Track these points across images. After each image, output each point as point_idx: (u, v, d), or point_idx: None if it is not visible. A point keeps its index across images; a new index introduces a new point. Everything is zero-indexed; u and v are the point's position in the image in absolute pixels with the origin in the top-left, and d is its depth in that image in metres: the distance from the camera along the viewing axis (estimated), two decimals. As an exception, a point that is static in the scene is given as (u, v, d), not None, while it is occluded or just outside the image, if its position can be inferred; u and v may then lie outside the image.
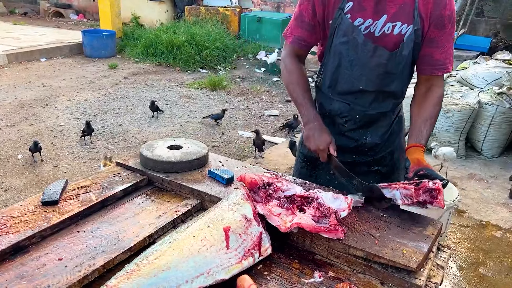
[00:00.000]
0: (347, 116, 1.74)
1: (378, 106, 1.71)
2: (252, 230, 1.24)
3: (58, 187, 1.48)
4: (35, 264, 1.15)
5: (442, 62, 1.62)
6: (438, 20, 1.56)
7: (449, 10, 1.56)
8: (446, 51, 1.61)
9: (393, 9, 1.55)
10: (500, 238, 3.30)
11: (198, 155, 1.71)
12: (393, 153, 1.81)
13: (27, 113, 5.54)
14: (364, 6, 1.57)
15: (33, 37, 9.49)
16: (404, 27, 1.56)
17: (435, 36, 1.59)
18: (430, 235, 1.30)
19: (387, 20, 1.56)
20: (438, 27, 1.57)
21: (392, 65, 1.62)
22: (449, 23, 1.57)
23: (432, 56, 1.61)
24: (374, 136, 1.77)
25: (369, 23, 1.58)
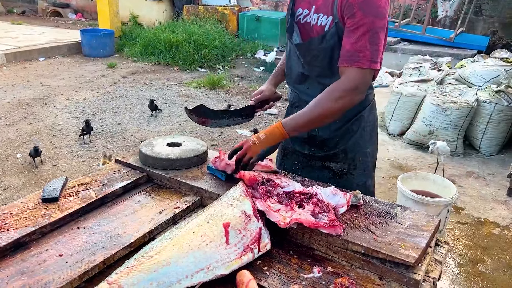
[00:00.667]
0: (298, 106, 1.76)
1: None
2: (252, 226, 1.25)
3: (58, 184, 1.49)
4: (36, 260, 1.16)
5: (351, 53, 1.47)
6: (347, 8, 1.47)
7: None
8: (357, 42, 1.46)
9: (320, 1, 1.57)
10: (498, 235, 3.31)
11: (197, 152, 1.71)
12: (347, 152, 1.76)
13: (25, 112, 5.54)
14: None
15: (32, 36, 9.48)
16: (324, 18, 1.56)
17: (348, 26, 1.49)
18: (428, 230, 1.31)
19: (314, 11, 1.59)
20: (349, 15, 1.47)
21: (307, 56, 1.64)
22: (360, 11, 1.44)
23: (344, 46, 1.50)
24: (324, 130, 1.73)
25: (305, 13, 1.63)
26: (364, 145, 1.78)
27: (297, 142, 1.84)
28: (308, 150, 1.82)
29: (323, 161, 1.80)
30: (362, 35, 1.46)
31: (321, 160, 1.80)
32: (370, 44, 1.47)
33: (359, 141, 1.76)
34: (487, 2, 8.16)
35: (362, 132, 1.76)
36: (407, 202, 2.93)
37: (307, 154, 1.82)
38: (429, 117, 4.63)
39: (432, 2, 7.56)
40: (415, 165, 4.40)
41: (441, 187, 3.14)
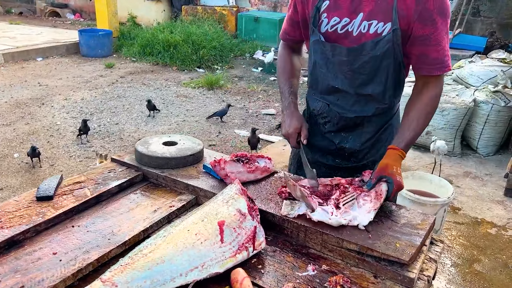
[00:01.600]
0: (326, 117, 1.70)
1: (359, 109, 1.64)
2: (247, 224, 1.24)
3: (53, 183, 1.48)
4: (30, 258, 1.16)
5: (440, 61, 1.49)
6: (425, 15, 1.42)
7: (436, 3, 1.41)
8: (442, 48, 1.48)
9: (369, 7, 1.48)
10: (495, 235, 3.31)
11: (193, 151, 1.71)
12: (376, 164, 1.64)
13: (23, 112, 5.53)
14: (339, 5, 1.51)
15: (30, 36, 9.46)
16: (380, 25, 1.47)
17: (427, 33, 1.45)
18: (423, 229, 1.31)
19: (363, 19, 1.49)
20: (428, 23, 1.43)
21: (356, 62, 1.54)
22: (440, 17, 1.43)
23: (428, 55, 1.49)
24: (355, 141, 1.68)
25: (345, 22, 1.51)
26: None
27: (319, 153, 1.75)
28: (333, 161, 1.73)
29: (350, 173, 1.68)
30: (442, 40, 1.47)
31: (348, 172, 1.71)
32: (448, 45, 1.51)
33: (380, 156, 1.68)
34: (485, 3, 8.17)
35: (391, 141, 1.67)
36: (404, 201, 2.93)
37: (331, 165, 1.74)
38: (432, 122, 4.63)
39: (430, 3, 7.56)
40: (412, 165, 4.40)
41: (438, 187, 3.15)
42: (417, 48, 1.50)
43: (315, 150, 1.76)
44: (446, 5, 1.43)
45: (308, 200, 1.34)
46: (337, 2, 1.52)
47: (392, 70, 1.56)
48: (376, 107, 1.63)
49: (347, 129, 1.69)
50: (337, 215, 1.31)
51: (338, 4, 1.52)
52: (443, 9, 1.43)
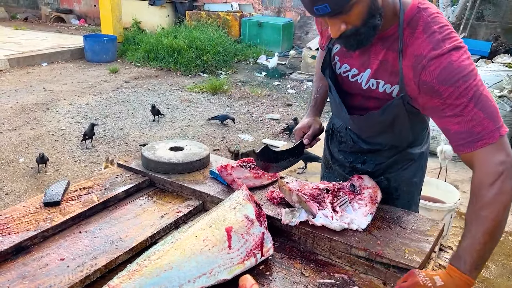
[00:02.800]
0: (342, 137, 1.67)
1: (373, 143, 1.57)
2: (254, 231, 1.24)
3: (60, 188, 1.48)
4: (37, 264, 1.15)
5: (466, 135, 1.16)
6: (424, 87, 1.23)
7: (432, 74, 1.18)
8: (465, 119, 1.16)
9: (375, 65, 1.34)
10: (502, 241, 3.28)
11: (200, 156, 1.71)
12: (390, 181, 1.60)
13: (28, 117, 5.55)
14: (350, 54, 1.40)
15: (35, 42, 9.52)
16: (387, 87, 1.34)
17: (436, 105, 1.22)
18: (432, 235, 1.30)
19: (371, 76, 1.36)
20: (431, 94, 1.21)
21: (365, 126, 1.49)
22: (443, 85, 1.17)
23: (449, 129, 1.21)
24: (369, 164, 1.61)
25: (354, 72, 1.40)
26: (412, 174, 1.61)
27: (338, 162, 1.70)
28: (349, 174, 1.64)
29: None
30: (465, 109, 1.16)
31: None
32: (482, 111, 1.15)
33: (404, 174, 1.60)
34: (489, 7, 8.17)
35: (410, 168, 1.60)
36: (410, 207, 2.91)
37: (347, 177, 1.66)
38: (431, 122, 4.62)
39: (434, 8, 7.56)
40: (418, 170, 4.38)
41: (444, 192, 3.13)
42: (438, 121, 1.26)
43: (334, 159, 1.74)
44: (452, 70, 1.15)
45: (309, 205, 1.33)
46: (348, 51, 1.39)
47: (408, 123, 1.43)
48: (391, 144, 1.55)
49: (362, 152, 1.62)
50: (337, 218, 1.31)
51: (349, 52, 1.39)
52: (449, 75, 1.16)
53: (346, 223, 1.31)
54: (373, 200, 1.42)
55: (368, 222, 1.34)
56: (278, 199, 1.45)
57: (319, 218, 1.31)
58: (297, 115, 5.95)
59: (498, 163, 1.12)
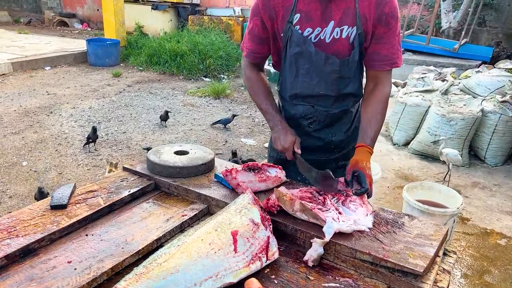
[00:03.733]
0: (312, 118, 1.80)
1: (340, 105, 1.78)
2: (260, 234, 1.24)
3: (66, 191, 1.50)
4: (45, 266, 1.16)
5: (389, 57, 1.67)
6: (381, 18, 1.60)
7: (390, 8, 1.60)
8: (392, 46, 1.66)
9: (338, 15, 1.61)
10: (505, 246, 3.28)
11: (205, 160, 1.72)
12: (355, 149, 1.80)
13: (31, 121, 5.57)
14: (311, 17, 1.63)
15: (38, 45, 9.57)
16: (350, 30, 1.62)
17: (381, 33, 1.64)
18: (436, 240, 1.30)
19: (335, 26, 1.62)
20: (383, 24, 1.62)
21: (345, 70, 1.69)
22: (392, 19, 1.62)
23: (379, 52, 1.66)
24: (338, 133, 1.83)
25: (318, 31, 1.64)
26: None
27: (305, 153, 1.77)
28: (318, 157, 1.84)
29: (336, 162, 1.88)
30: (393, 39, 1.66)
31: (335, 161, 1.88)
32: (399, 45, 1.69)
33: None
34: (490, 13, 8.19)
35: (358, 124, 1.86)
36: (413, 212, 2.92)
37: (317, 160, 1.80)
38: (434, 127, 4.63)
39: (435, 13, 7.60)
40: (420, 175, 4.39)
41: (447, 197, 3.13)
42: (371, 47, 1.67)
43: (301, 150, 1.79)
44: (397, 10, 1.64)
45: (316, 213, 1.34)
46: (308, 15, 1.63)
47: (360, 66, 1.74)
48: (353, 100, 1.80)
49: (329, 124, 1.81)
50: (344, 220, 1.33)
51: (310, 16, 1.63)
52: (396, 13, 1.63)
53: (353, 224, 1.32)
54: (364, 201, 1.46)
55: (372, 221, 1.36)
56: (276, 206, 1.42)
57: (330, 224, 1.30)
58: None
59: (391, 84, 1.77)
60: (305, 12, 1.63)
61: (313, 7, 1.62)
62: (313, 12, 1.62)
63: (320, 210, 1.36)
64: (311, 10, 1.62)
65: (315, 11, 1.62)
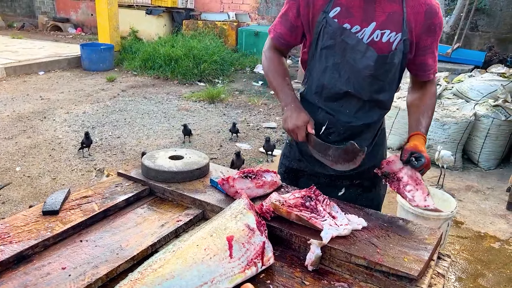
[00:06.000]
0: (331, 128, 1.68)
1: (364, 116, 1.66)
2: (255, 240, 1.24)
3: (60, 197, 1.49)
4: (38, 273, 1.15)
5: (432, 66, 1.69)
6: (430, 28, 1.59)
7: (439, 18, 1.60)
8: (435, 55, 1.69)
9: (382, 17, 1.54)
10: (499, 249, 3.30)
11: (199, 165, 1.72)
12: (376, 167, 1.67)
13: (25, 126, 5.54)
14: (352, 13, 1.55)
15: (31, 50, 9.54)
16: (392, 35, 1.55)
17: (429, 43, 1.63)
18: (430, 243, 1.31)
19: (376, 28, 1.54)
20: (431, 34, 1.61)
21: (380, 69, 1.58)
22: (439, 30, 1.62)
23: (427, 62, 1.67)
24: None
25: (356, 29, 1.55)
26: (386, 155, 1.83)
27: (318, 164, 1.70)
28: (333, 171, 1.66)
29: (351, 179, 1.76)
30: (436, 49, 1.67)
31: (349, 179, 1.76)
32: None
33: (383, 156, 1.82)
34: (483, 18, 8.27)
35: (384, 143, 1.85)
36: (407, 215, 2.93)
37: (332, 175, 1.75)
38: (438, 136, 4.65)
39: (428, 18, 7.64)
40: (414, 179, 4.40)
41: (440, 201, 3.15)
42: (419, 58, 1.66)
43: (313, 161, 1.71)
44: (442, 21, 1.64)
45: (312, 223, 1.34)
46: (349, 10, 1.55)
47: (398, 78, 1.69)
48: (379, 113, 1.71)
49: (349, 137, 1.66)
50: (341, 223, 1.34)
51: (350, 12, 1.55)
52: (441, 25, 1.63)
53: (348, 225, 1.33)
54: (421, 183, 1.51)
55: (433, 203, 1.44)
56: (270, 213, 1.40)
57: (328, 230, 1.30)
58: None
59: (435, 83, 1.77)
60: (346, 7, 1.55)
61: (356, 3, 1.54)
62: (355, 9, 1.54)
63: (315, 218, 1.37)
64: (353, 6, 1.54)
65: (357, 8, 1.54)
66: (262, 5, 10.58)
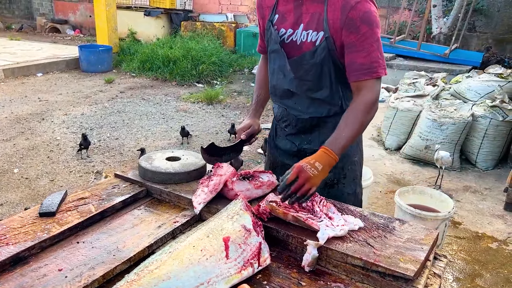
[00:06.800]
0: (286, 121, 1.83)
1: (314, 111, 1.74)
2: (252, 241, 1.25)
3: (56, 199, 1.49)
4: (35, 274, 1.16)
5: (368, 66, 1.55)
6: (348, 24, 1.53)
7: (358, 12, 1.51)
8: (369, 54, 1.55)
9: (307, 18, 1.63)
10: (496, 249, 3.31)
11: (196, 166, 1.72)
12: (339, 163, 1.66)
13: (23, 128, 5.54)
14: (286, 18, 1.69)
15: (30, 52, 9.53)
16: (314, 34, 1.61)
17: (353, 40, 1.55)
18: (426, 244, 1.31)
19: (303, 29, 1.64)
20: (352, 30, 1.53)
21: (298, 71, 1.68)
22: (363, 24, 1.51)
23: (355, 61, 1.57)
24: (314, 142, 1.75)
25: (289, 32, 1.68)
26: (352, 154, 1.82)
27: (285, 155, 1.88)
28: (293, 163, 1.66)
29: None
30: (371, 47, 1.55)
31: None
32: (379, 53, 1.57)
33: (347, 151, 1.71)
34: (480, 19, 8.29)
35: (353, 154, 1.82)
36: (405, 216, 2.93)
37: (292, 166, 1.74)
38: (425, 131, 4.66)
39: (426, 19, 7.68)
40: (412, 180, 4.41)
41: (438, 201, 3.15)
42: (347, 56, 1.60)
43: (281, 152, 1.90)
44: (371, 14, 1.53)
45: (309, 224, 1.34)
46: (284, 16, 1.70)
47: (335, 75, 1.66)
48: (328, 108, 1.73)
49: (305, 131, 1.80)
50: (337, 224, 1.34)
51: (285, 17, 1.69)
52: (368, 18, 1.52)
53: (344, 226, 1.34)
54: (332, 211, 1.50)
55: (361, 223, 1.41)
56: (267, 214, 1.41)
57: (324, 231, 1.31)
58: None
59: (376, 92, 1.59)
60: (282, 13, 1.70)
61: (288, 8, 1.68)
62: (288, 14, 1.68)
63: (312, 219, 1.37)
64: (286, 12, 1.68)
65: (289, 12, 1.67)
66: (260, 6, 10.59)
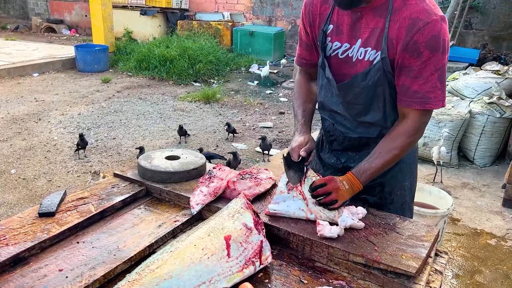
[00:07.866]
0: (332, 135, 1.71)
1: (363, 131, 1.62)
2: (253, 239, 1.24)
3: (55, 199, 1.48)
4: (35, 275, 1.15)
5: (422, 95, 1.41)
6: (411, 46, 1.37)
7: (426, 36, 1.35)
8: (426, 82, 1.40)
9: (366, 34, 1.46)
10: (495, 245, 3.32)
11: (196, 165, 1.71)
12: (383, 186, 1.65)
13: (20, 128, 5.51)
14: (341, 30, 1.51)
15: (25, 52, 9.48)
16: (372, 53, 1.46)
17: (411, 65, 1.40)
18: (428, 241, 1.31)
19: (361, 45, 1.48)
20: (414, 54, 1.38)
21: (348, 96, 1.54)
22: (429, 51, 1.36)
23: (409, 87, 1.43)
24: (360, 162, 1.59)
25: (346, 47, 1.51)
26: (403, 179, 1.68)
27: (329, 170, 1.73)
28: None
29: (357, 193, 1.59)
30: (431, 75, 1.39)
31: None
32: (440, 83, 1.41)
33: (397, 175, 1.65)
34: (476, 16, 8.31)
35: (402, 165, 1.64)
36: (404, 213, 2.93)
37: None
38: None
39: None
40: (410, 177, 4.41)
41: (437, 198, 3.16)
42: (401, 79, 1.45)
43: (326, 167, 1.76)
44: (438, 40, 1.36)
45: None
46: (339, 27, 1.52)
47: (389, 96, 1.51)
48: (380, 130, 1.60)
49: (353, 149, 1.66)
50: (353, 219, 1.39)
51: (340, 29, 1.52)
52: (435, 44, 1.36)
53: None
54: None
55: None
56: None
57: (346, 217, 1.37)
58: (290, 123, 5.99)
59: (421, 124, 1.48)
60: (337, 24, 1.52)
61: (344, 20, 1.50)
62: (343, 26, 1.50)
63: None
64: (342, 23, 1.50)
65: (345, 24, 1.49)
66: (257, 5, 10.56)
